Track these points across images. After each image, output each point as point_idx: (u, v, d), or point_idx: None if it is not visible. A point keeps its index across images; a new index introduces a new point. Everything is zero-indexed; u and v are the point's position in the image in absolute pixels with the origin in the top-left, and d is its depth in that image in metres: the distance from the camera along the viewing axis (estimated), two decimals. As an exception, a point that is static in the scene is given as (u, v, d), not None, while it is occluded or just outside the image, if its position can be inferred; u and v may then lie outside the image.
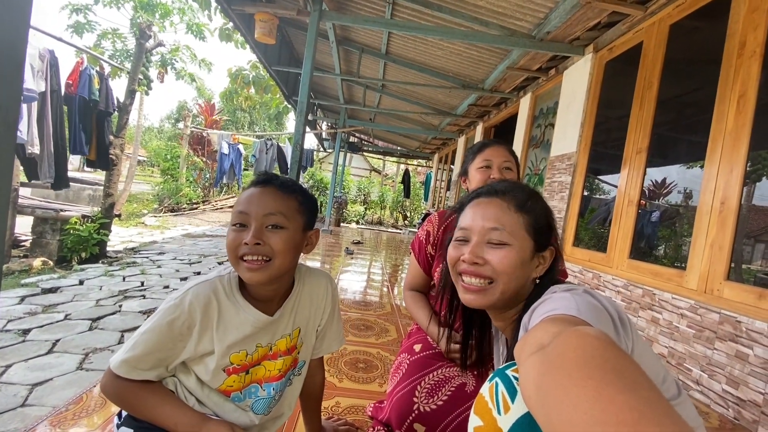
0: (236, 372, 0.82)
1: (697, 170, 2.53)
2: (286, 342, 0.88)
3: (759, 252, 2.98)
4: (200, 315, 0.77)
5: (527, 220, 0.72)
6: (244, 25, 4.05)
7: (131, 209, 9.07)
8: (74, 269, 3.93)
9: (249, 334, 0.81)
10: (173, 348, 0.77)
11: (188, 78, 10.16)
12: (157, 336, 0.75)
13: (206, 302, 0.78)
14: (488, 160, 1.29)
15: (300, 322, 0.91)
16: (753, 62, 1.84)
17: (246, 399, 0.86)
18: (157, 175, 13.18)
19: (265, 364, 0.86)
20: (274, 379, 0.88)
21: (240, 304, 0.81)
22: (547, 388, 0.37)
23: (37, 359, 1.92)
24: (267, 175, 0.84)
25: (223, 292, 0.80)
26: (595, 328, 0.44)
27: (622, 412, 0.30)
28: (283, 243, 0.78)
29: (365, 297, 3.09)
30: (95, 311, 2.68)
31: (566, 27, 3.12)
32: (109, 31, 8.94)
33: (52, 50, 3.74)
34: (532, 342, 0.45)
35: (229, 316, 0.80)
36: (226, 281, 0.81)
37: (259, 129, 23.87)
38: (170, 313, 0.76)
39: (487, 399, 0.50)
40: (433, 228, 1.36)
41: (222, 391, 0.83)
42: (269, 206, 0.77)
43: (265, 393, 0.87)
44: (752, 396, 1.62)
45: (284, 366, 0.89)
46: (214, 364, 0.79)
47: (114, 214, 5.01)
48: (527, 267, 0.71)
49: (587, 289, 0.61)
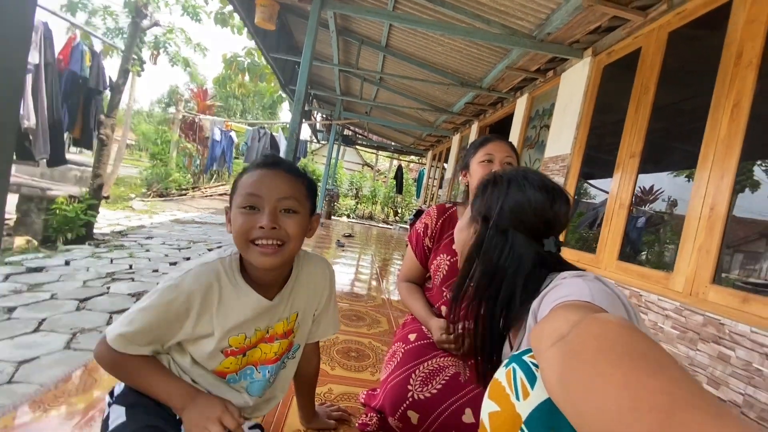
0: (234, 354, 0.82)
1: (687, 176, 2.59)
2: (283, 326, 0.88)
3: (744, 259, 3.07)
4: (199, 298, 0.76)
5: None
6: (243, 8, 3.99)
7: (118, 192, 8.91)
8: (60, 249, 3.85)
9: (249, 318, 0.80)
10: (169, 328, 0.76)
11: (182, 63, 9.96)
12: (153, 315, 0.74)
13: (207, 285, 0.77)
14: (490, 154, 1.31)
15: (298, 307, 0.91)
16: (749, 72, 1.88)
17: (241, 380, 0.85)
18: (146, 160, 12.94)
19: (262, 347, 0.86)
20: (269, 361, 0.88)
21: (241, 287, 0.79)
22: (572, 379, 0.36)
23: (24, 337, 1.88)
24: (274, 157, 0.83)
25: (225, 275, 0.79)
26: (614, 314, 0.43)
27: (654, 397, 0.29)
28: (297, 227, 0.77)
29: (356, 289, 3.10)
30: (82, 292, 2.64)
31: (567, 29, 3.15)
32: (99, 8, 8.70)
33: (45, 22, 3.63)
34: (550, 331, 0.45)
35: (229, 300, 0.78)
36: (227, 264, 0.80)
37: (251, 117, 23.59)
38: (169, 293, 0.75)
39: (504, 384, 0.49)
40: (431, 221, 1.38)
41: (218, 373, 0.82)
42: (283, 190, 0.76)
43: (260, 375, 0.87)
44: (733, 396, 1.67)
45: (280, 349, 0.89)
46: (213, 346, 0.79)
47: (102, 196, 4.92)
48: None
49: (597, 275, 0.61)
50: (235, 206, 0.77)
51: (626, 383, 0.31)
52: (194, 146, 11.51)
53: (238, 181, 0.79)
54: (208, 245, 5.03)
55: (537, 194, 0.75)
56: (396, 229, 10.67)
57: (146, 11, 4.85)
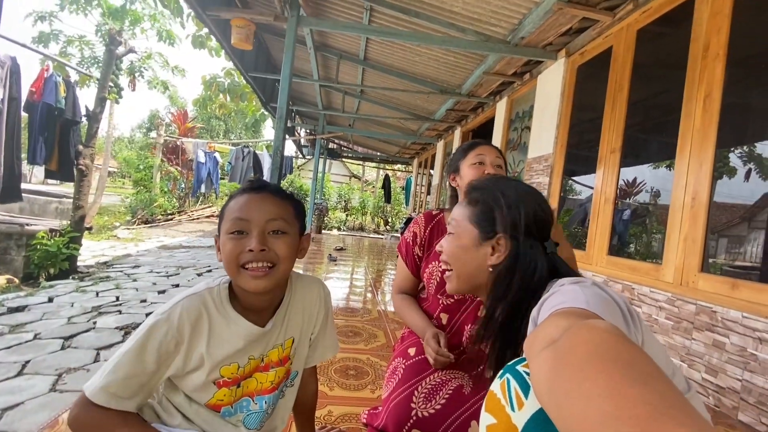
0: (227, 385, 0.79)
1: (668, 166, 2.64)
2: (278, 352, 0.85)
3: (729, 243, 3.13)
4: (189, 330, 0.73)
5: (473, 211, 0.81)
6: (219, 30, 3.99)
7: (102, 222, 8.73)
8: (42, 286, 3.73)
9: (241, 348, 0.78)
10: (157, 371, 0.72)
11: (161, 86, 9.90)
12: (140, 355, 0.70)
13: (197, 316, 0.74)
14: (482, 155, 1.30)
15: (293, 332, 0.88)
16: (717, 64, 1.94)
17: (237, 413, 0.82)
18: (129, 187, 12.75)
19: (257, 377, 0.83)
20: (266, 391, 0.85)
21: (231, 316, 0.77)
22: (558, 383, 0.36)
23: (6, 382, 1.80)
24: (259, 181, 0.82)
25: (213, 305, 0.77)
26: (605, 321, 0.43)
27: (636, 406, 0.29)
28: (287, 248, 0.76)
29: (351, 303, 3.06)
30: (67, 329, 2.55)
31: (539, 32, 3.22)
32: (75, 38, 8.62)
33: (14, 57, 3.57)
34: (542, 337, 0.45)
35: (220, 330, 0.76)
36: (216, 293, 0.78)
37: (234, 137, 23.49)
38: (157, 328, 0.71)
39: (499, 396, 0.49)
40: (419, 229, 1.35)
41: (211, 406, 0.79)
42: (270, 212, 0.76)
43: (257, 406, 0.84)
44: (731, 383, 1.68)
45: (277, 378, 0.86)
46: (204, 377, 0.76)
47: (84, 228, 4.80)
48: (472, 253, 0.79)
49: (595, 281, 0.61)
50: (224, 232, 0.76)
51: (610, 391, 0.31)
52: (177, 170, 11.38)
53: (225, 208, 0.79)
54: (197, 270, 4.94)
55: (542, 201, 0.79)
56: (387, 238, 10.65)
57: (120, 38, 4.82)
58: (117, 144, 23.04)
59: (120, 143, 24.78)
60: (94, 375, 0.70)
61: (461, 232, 0.81)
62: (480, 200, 0.81)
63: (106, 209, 10.02)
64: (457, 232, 0.82)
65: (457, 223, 0.82)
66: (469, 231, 0.80)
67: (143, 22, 8.04)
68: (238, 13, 3.56)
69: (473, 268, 0.78)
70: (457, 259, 0.80)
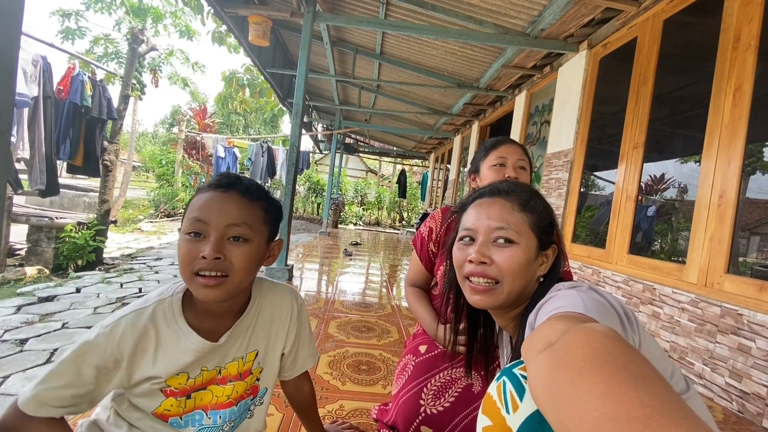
0: (174, 395, 0.73)
1: (694, 164, 2.54)
2: (237, 366, 0.79)
3: (758, 245, 2.99)
4: (132, 348, 0.68)
5: (531, 218, 0.72)
6: (237, 27, 4.03)
7: (127, 215, 9.02)
8: (71, 277, 3.89)
9: (191, 361, 0.72)
10: (96, 387, 0.66)
11: (181, 82, 10.10)
12: (77, 368, 0.64)
13: (141, 333, 0.69)
14: (503, 157, 1.24)
15: (257, 344, 0.81)
16: (748, 55, 1.84)
17: (188, 427, 0.76)
18: (152, 181, 13.11)
19: (213, 389, 0.77)
20: (222, 406, 0.78)
21: (182, 330, 0.71)
22: (556, 386, 0.36)
23: (35, 369, 1.89)
24: (229, 177, 0.73)
25: (162, 320, 0.71)
26: (602, 324, 0.43)
27: (633, 408, 0.29)
28: (245, 258, 0.68)
29: (365, 299, 3.08)
30: (93, 319, 2.65)
31: (560, 24, 3.13)
32: (101, 37, 8.88)
33: (44, 56, 3.70)
34: (540, 340, 0.45)
35: (168, 344, 0.71)
36: (167, 306, 0.72)
37: (254, 132, 23.81)
38: (96, 344, 0.65)
39: (495, 398, 0.50)
40: (436, 225, 1.32)
41: (158, 415, 0.73)
42: (232, 215, 0.67)
43: (210, 421, 0.78)
44: (756, 389, 1.62)
45: (235, 392, 0.79)
46: (148, 386, 0.71)
47: (110, 221, 4.97)
48: (532, 266, 0.71)
49: (592, 285, 0.61)
50: (182, 232, 0.68)
51: (608, 393, 0.31)
52: (198, 165, 11.63)
53: (189, 202, 0.71)
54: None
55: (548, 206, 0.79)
56: (403, 233, 10.65)
57: (143, 37, 4.93)
58: (141, 139, 23.71)
59: (144, 138, 25.49)
60: (31, 381, 0.65)
61: (525, 242, 0.70)
62: (537, 207, 0.74)
63: (130, 203, 10.35)
64: (519, 242, 0.70)
65: (518, 230, 0.70)
66: (532, 241, 0.71)
67: (165, 20, 8.20)
68: (255, 9, 3.59)
69: (527, 281, 0.71)
70: (519, 272, 0.69)
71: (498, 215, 0.72)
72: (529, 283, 0.72)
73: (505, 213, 0.72)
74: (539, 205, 0.74)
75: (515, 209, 0.72)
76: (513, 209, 0.72)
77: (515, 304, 0.73)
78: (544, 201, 0.77)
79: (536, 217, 0.73)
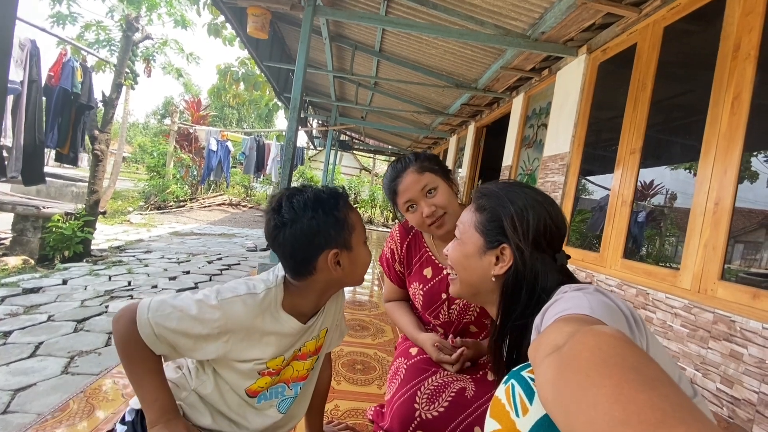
0: (270, 375, 0.84)
1: (690, 171, 2.57)
2: (315, 343, 0.91)
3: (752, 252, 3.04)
4: (240, 328, 0.77)
5: (479, 218, 0.79)
6: (235, 19, 3.97)
7: (116, 206, 8.86)
8: (57, 268, 3.80)
9: (290, 344, 0.84)
10: (194, 344, 0.75)
11: (175, 73, 9.92)
12: (195, 321, 0.73)
13: (253, 317, 0.78)
14: (408, 200, 1.16)
15: (326, 323, 0.94)
16: (747, 64, 1.86)
17: (272, 398, 0.88)
18: (143, 172, 12.90)
19: (294, 365, 0.89)
20: (301, 378, 0.91)
21: (283, 318, 0.82)
22: (564, 390, 0.36)
23: (19, 363, 1.84)
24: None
25: (268, 307, 0.80)
26: (610, 326, 0.43)
27: (644, 412, 0.29)
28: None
29: (358, 296, 3.06)
30: (80, 312, 2.59)
31: (561, 27, 3.13)
32: (93, 23, 8.68)
33: (33, 40, 3.60)
34: (547, 343, 0.44)
35: (272, 331, 0.81)
36: (273, 295, 0.81)
37: (247, 126, 23.60)
38: (211, 313, 0.74)
39: (504, 402, 0.49)
40: (396, 246, 1.32)
41: (251, 392, 0.83)
42: None
43: (291, 392, 0.91)
44: (747, 395, 1.64)
45: (311, 365, 0.93)
46: (250, 366, 0.80)
47: (99, 212, 4.87)
48: (475, 262, 0.77)
49: (598, 287, 0.61)
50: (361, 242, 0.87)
51: (618, 396, 0.31)
52: (189, 157, 11.47)
53: (355, 217, 0.85)
54: (208, 257, 4.99)
55: (554, 210, 0.75)
56: (396, 232, 10.62)
57: (137, 25, 4.83)
58: (132, 129, 23.33)
59: (135, 129, 25.09)
60: (153, 297, 0.74)
61: (467, 239, 0.79)
62: (487, 207, 0.78)
63: (120, 194, 10.17)
64: (462, 238, 0.80)
65: (464, 229, 0.80)
66: (475, 239, 0.77)
67: (159, 8, 8.05)
68: (255, 1, 3.54)
69: (477, 276, 0.77)
70: (462, 266, 0.79)
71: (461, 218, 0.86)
72: (482, 282, 0.77)
73: (464, 213, 0.84)
74: (491, 204, 0.78)
75: (471, 209, 0.82)
76: (469, 209, 0.82)
77: (482, 301, 0.81)
78: (499, 200, 0.76)
79: (484, 216, 0.78)
